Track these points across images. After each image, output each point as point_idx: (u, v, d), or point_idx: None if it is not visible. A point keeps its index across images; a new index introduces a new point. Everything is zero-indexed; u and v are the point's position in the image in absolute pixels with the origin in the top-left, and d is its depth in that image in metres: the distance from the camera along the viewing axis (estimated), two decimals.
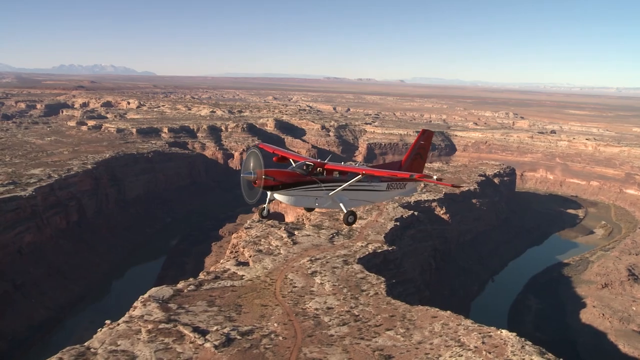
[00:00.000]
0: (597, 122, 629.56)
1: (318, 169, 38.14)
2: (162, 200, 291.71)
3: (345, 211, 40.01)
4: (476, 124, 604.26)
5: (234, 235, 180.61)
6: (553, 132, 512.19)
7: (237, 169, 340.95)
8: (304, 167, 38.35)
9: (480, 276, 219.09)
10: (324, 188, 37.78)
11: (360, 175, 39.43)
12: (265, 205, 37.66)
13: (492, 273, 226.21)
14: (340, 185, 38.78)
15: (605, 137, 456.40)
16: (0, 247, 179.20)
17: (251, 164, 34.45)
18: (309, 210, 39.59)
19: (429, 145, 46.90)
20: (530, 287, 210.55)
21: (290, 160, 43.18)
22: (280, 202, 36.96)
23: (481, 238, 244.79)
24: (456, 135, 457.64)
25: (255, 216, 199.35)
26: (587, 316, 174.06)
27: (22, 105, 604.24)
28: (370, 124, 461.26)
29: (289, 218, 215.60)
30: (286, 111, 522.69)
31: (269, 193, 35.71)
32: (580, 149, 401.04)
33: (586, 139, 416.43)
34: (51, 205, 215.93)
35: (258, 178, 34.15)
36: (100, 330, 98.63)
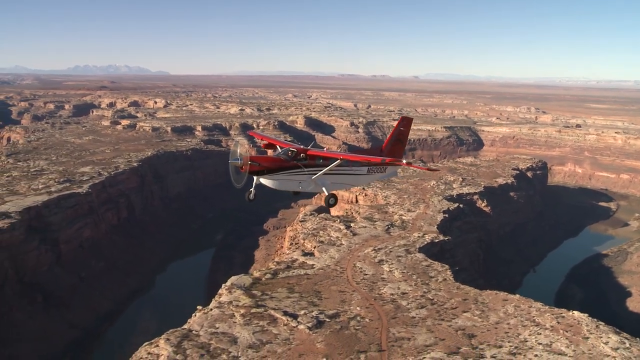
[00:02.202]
0: (620, 116, 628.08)
1: (301, 154, 40.60)
2: (202, 196, 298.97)
3: (327, 194, 42.25)
4: (499, 118, 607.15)
5: (289, 228, 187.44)
6: (578, 126, 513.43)
7: None
8: (288, 153, 40.79)
9: (521, 267, 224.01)
10: (307, 172, 39.91)
11: (339, 160, 41.59)
12: (252, 190, 39.44)
13: (532, 264, 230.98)
14: (322, 170, 40.91)
15: (631, 130, 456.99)
16: (65, 242, 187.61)
17: (238, 151, 36.93)
18: (296, 194, 40.89)
19: (408, 131, 48.75)
20: (571, 277, 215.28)
21: (277, 146, 45.99)
22: (269, 185, 38.27)
23: (519, 230, 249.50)
24: (483, 131, 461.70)
25: (306, 209, 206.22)
26: (635, 305, 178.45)
27: (51, 106, 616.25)
28: (397, 120, 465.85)
29: (335, 211, 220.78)
30: (314, 108, 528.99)
31: (255, 178, 37.86)
32: (609, 142, 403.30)
33: (615, 132, 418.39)
34: (103, 201, 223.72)
35: (244, 164, 36.99)
36: (195, 315, 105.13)
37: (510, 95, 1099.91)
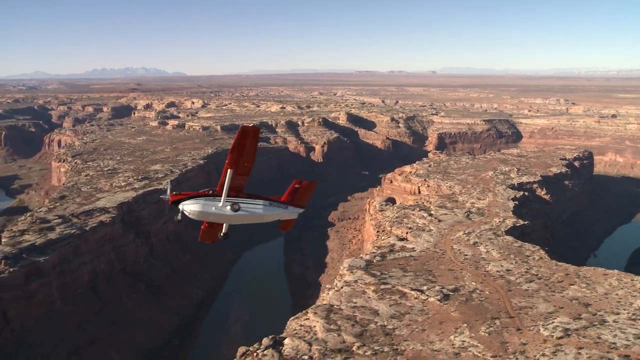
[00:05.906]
0: None
1: (213, 190, 45.56)
2: (260, 191, 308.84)
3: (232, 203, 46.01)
4: (530, 111, 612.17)
5: (368, 217, 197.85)
6: (614, 116, 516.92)
7: (319, 161, 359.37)
8: (200, 191, 46.01)
9: (581, 252, 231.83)
10: (217, 200, 44.83)
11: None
12: (179, 214, 45.27)
13: (591, 249, 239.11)
14: (234, 199, 45.14)
15: None
16: (155, 234, 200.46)
17: (168, 190, 44.94)
18: (225, 237, 49.61)
19: (303, 187, 47.66)
20: (635, 261, 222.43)
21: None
22: (188, 211, 44.20)
23: (575, 217, 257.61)
24: (521, 123, 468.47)
25: (377, 200, 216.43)
26: None
27: (90, 109, 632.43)
28: (435, 114, 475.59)
29: (400, 201, 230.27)
30: (352, 105, 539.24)
31: (180, 207, 44.52)
32: None
33: None
34: None
35: (171, 197, 44.64)
36: (327, 293, 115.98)
37: (535, 87, 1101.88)
